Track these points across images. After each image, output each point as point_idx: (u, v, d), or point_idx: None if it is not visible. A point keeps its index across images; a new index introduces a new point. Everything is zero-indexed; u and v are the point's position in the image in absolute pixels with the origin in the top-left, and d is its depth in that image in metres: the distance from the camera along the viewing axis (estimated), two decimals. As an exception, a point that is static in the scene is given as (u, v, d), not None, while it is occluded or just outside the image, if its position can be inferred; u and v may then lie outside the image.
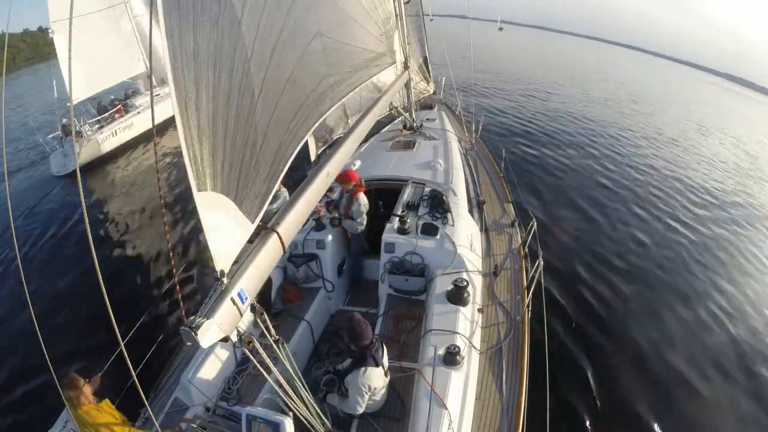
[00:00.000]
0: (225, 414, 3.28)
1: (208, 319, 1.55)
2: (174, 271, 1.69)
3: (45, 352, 2.22)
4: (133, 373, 1.75)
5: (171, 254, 1.68)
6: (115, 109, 12.25)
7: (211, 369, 3.39)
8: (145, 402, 1.92)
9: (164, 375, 3.72)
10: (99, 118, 11.99)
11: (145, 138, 12.43)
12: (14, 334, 5.36)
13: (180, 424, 3.01)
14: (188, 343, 1.53)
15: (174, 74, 1.42)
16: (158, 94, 11.81)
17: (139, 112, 12.53)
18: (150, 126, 12.19)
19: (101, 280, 1.59)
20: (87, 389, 2.72)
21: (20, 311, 5.48)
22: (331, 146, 6.78)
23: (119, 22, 11.99)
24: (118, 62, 12.03)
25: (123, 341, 1.69)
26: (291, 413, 2.47)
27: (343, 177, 4.54)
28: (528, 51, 54.89)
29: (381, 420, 3.08)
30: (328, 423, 2.63)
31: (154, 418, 2.36)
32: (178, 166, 10.57)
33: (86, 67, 10.41)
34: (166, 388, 3.54)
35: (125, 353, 1.72)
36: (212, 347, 3.51)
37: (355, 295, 4.92)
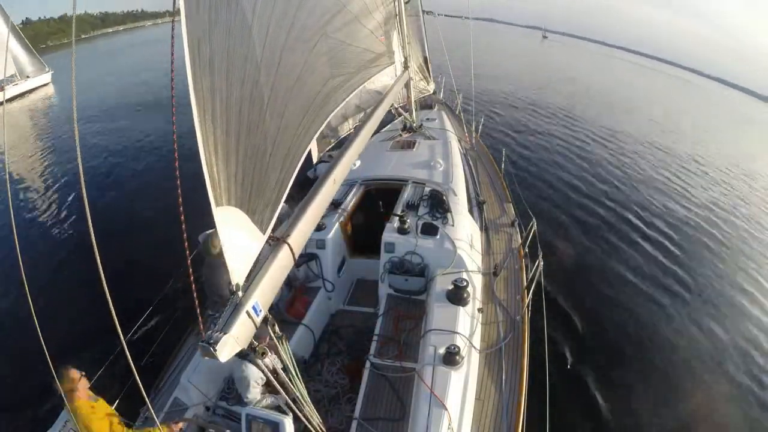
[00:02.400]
0: (225, 414, 3.28)
1: (225, 333, 1.56)
2: (191, 278, 1.70)
3: (45, 351, 2.20)
4: (134, 371, 1.73)
5: (188, 253, 1.69)
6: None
7: (211, 369, 3.39)
8: (147, 400, 1.91)
9: (164, 374, 3.72)
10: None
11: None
12: (12, 332, 5.33)
13: (180, 424, 3.01)
14: (205, 357, 1.55)
15: (194, 84, 1.40)
16: (16, 83, 23.45)
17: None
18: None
19: (103, 278, 1.58)
20: (83, 383, 2.68)
21: (18, 308, 5.45)
22: (334, 148, 6.79)
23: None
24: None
25: (124, 340, 1.68)
26: (291, 413, 2.48)
27: None
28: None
29: (380, 421, 3.08)
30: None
31: (155, 417, 2.36)
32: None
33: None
34: (166, 387, 3.54)
35: (127, 351, 1.71)
36: None
37: (355, 295, 4.92)
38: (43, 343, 2.14)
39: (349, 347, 4.16)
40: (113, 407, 2.97)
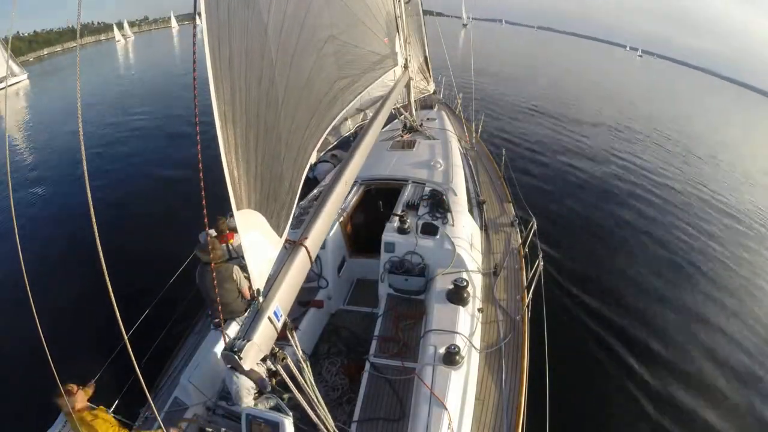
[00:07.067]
0: (225, 414, 3.27)
1: (249, 341, 1.55)
2: (215, 282, 1.75)
3: (46, 349, 2.19)
4: (137, 369, 1.71)
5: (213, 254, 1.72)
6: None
7: (211, 368, 3.38)
8: (149, 398, 1.90)
9: (164, 374, 3.70)
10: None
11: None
12: (12, 332, 5.29)
13: (180, 424, 3.00)
14: (228, 365, 1.55)
15: (215, 85, 1.38)
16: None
17: None
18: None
19: (107, 276, 1.56)
20: (81, 395, 2.69)
21: (16, 305, 5.42)
22: (333, 149, 6.79)
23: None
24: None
25: (126, 336, 1.67)
26: (290, 414, 2.48)
27: None
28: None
29: (380, 421, 3.08)
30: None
31: (158, 415, 2.35)
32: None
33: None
34: (166, 387, 3.53)
35: (130, 349, 1.69)
36: (211, 346, 3.50)
37: (355, 295, 4.92)
38: (44, 341, 2.13)
39: (348, 347, 4.16)
40: (112, 409, 2.96)
